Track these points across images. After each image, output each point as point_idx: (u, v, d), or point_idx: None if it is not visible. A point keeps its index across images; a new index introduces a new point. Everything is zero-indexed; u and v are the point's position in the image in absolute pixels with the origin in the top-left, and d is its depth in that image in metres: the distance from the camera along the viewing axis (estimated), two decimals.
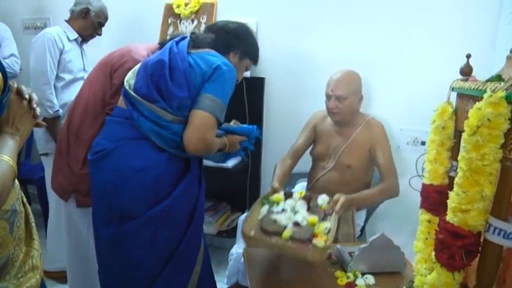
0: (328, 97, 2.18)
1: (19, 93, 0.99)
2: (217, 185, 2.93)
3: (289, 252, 1.44)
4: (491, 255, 0.92)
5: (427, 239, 1.26)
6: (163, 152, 1.55)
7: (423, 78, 2.37)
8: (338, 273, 1.64)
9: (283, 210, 1.69)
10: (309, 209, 1.75)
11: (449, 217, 0.96)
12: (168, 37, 2.87)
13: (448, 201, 0.97)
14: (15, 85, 1.00)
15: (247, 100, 2.70)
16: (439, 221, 1.01)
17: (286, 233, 1.51)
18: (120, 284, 1.63)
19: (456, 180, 0.94)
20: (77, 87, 2.45)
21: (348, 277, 1.60)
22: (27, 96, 1.00)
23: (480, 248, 0.94)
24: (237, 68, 1.72)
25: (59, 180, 2.04)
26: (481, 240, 0.95)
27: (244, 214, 2.38)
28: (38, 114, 1.04)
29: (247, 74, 2.63)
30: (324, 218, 1.69)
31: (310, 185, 2.33)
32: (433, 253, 1.04)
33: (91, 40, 2.69)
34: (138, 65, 1.68)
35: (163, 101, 1.53)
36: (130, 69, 1.75)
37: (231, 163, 2.65)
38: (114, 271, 1.63)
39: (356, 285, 1.55)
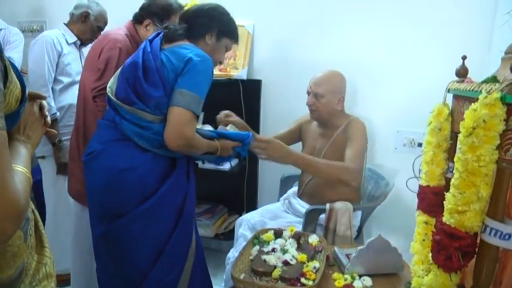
0: (308, 94, 2.21)
1: (31, 100, 0.98)
2: (214, 187, 2.94)
3: None
4: (488, 257, 0.92)
5: (424, 240, 1.26)
6: (148, 152, 1.57)
7: (419, 80, 2.38)
8: (335, 275, 1.63)
9: (273, 249, 1.71)
10: (299, 247, 1.77)
11: (446, 218, 0.96)
12: None
13: (444, 202, 0.97)
14: (33, 93, 0.99)
15: (244, 102, 2.70)
16: (436, 222, 1.01)
17: (276, 272, 1.54)
18: (114, 279, 1.65)
19: (452, 181, 0.94)
20: (75, 90, 2.45)
21: (346, 279, 1.60)
22: (38, 103, 1.00)
23: (477, 249, 0.94)
24: (215, 50, 1.73)
25: (76, 186, 2.08)
26: (478, 241, 0.94)
27: (242, 217, 2.38)
28: (49, 122, 1.05)
29: (244, 76, 2.64)
30: (313, 256, 1.70)
31: (300, 190, 2.32)
32: (430, 254, 1.04)
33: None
34: (119, 71, 1.69)
35: (141, 102, 1.55)
36: (111, 48, 1.82)
37: (227, 166, 2.66)
38: (108, 267, 1.66)
39: (354, 287, 1.55)
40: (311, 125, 2.34)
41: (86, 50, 2.68)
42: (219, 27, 1.72)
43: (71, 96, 2.45)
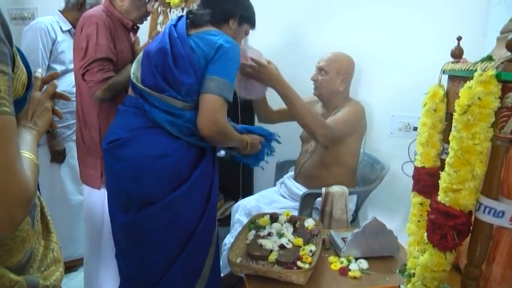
0: (316, 69, 2.23)
1: (53, 96, 1.02)
2: None
3: (274, 275, 1.47)
4: (482, 234, 0.92)
5: (419, 221, 1.26)
6: (180, 139, 1.57)
7: (415, 63, 2.37)
8: (332, 258, 1.64)
9: (269, 233, 1.72)
10: (295, 231, 1.78)
11: (441, 197, 0.96)
12: (158, 26, 2.85)
13: (439, 181, 0.97)
14: (52, 88, 1.02)
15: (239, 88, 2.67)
16: (431, 201, 1.01)
17: (272, 256, 1.55)
18: (139, 267, 1.65)
19: (447, 160, 0.94)
20: (69, 78, 2.43)
21: (342, 262, 1.61)
22: (50, 92, 1.02)
23: (471, 228, 0.94)
24: (236, 35, 1.74)
25: (87, 172, 2.06)
26: (472, 219, 0.95)
27: (238, 203, 2.39)
28: (61, 116, 1.08)
29: None
30: (309, 240, 1.71)
31: (296, 172, 2.34)
32: (425, 234, 1.04)
33: None
34: (141, 55, 1.68)
35: (172, 89, 1.54)
36: (89, 25, 1.84)
37: (223, 151, 2.65)
38: (132, 255, 1.66)
39: (350, 270, 1.56)
40: (316, 106, 2.35)
41: None
42: (241, 13, 1.74)
43: (65, 84, 2.43)
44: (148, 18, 2.83)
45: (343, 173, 2.18)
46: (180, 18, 1.67)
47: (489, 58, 1.05)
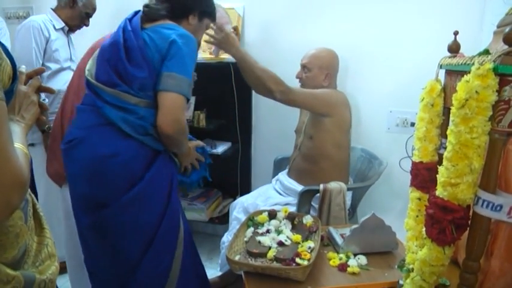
0: (300, 67, 2.27)
1: (38, 90, 1.03)
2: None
3: (273, 272, 1.47)
4: (480, 228, 0.92)
5: (417, 216, 1.26)
6: (132, 138, 1.51)
7: (412, 59, 2.37)
8: (330, 254, 1.64)
9: (267, 230, 1.71)
10: (293, 227, 1.78)
11: (439, 191, 0.95)
12: None
13: (437, 176, 0.97)
14: (36, 82, 1.03)
15: (236, 86, 2.68)
16: (429, 196, 1.01)
17: (270, 253, 1.55)
18: (105, 270, 1.61)
19: (445, 154, 0.94)
20: (63, 76, 2.42)
21: (341, 258, 1.61)
22: (35, 86, 1.03)
23: (469, 222, 0.94)
24: (197, 30, 1.69)
25: (54, 166, 2.04)
26: (470, 214, 0.95)
27: (236, 200, 2.39)
28: (47, 108, 1.08)
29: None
30: (308, 236, 1.71)
31: (289, 167, 2.36)
32: (424, 229, 1.04)
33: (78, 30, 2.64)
34: (97, 51, 1.63)
35: (124, 84, 1.49)
36: None
37: (220, 149, 2.65)
38: (98, 258, 1.62)
39: (348, 266, 1.56)
40: None
41: (75, 36, 2.65)
42: (201, 8, 1.69)
43: (59, 83, 2.42)
44: None
45: (331, 167, 2.18)
46: (136, 12, 1.62)
47: (486, 52, 1.04)
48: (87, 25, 2.58)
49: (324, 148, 2.18)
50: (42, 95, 2.39)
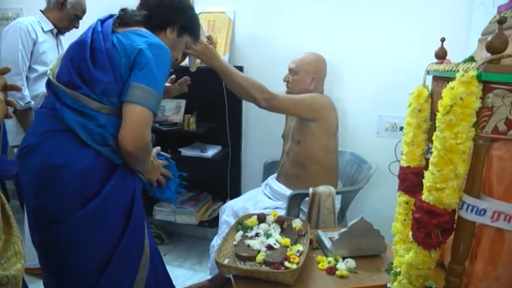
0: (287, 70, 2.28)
1: (5, 89, 1.00)
2: (197, 175, 2.92)
3: (262, 275, 1.47)
4: (465, 232, 0.94)
5: (405, 220, 1.28)
6: (89, 147, 1.36)
7: (401, 64, 2.40)
8: (319, 258, 1.65)
9: (257, 234, 1.72)
10: (282, 231, 1.78)
11: (425, 196, 0.97)
12: None
13: (423, 181, 0.99)
14: (2, 81, 1.01)
15: (226, 90, 2.68)
16: (415, 200, 1.03)
17: (259, 257, 1.55)
18: None
19: (431, 159, 0.96)
20: None
21: (329, 262, 1.62)
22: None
23: (454, 226, 0.96)
24: (174, 46, 1.56)
25: None
26: (456, 218, 0.96)
27: (226, 203, 2.39)
28: (16, 105, 1.05)
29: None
30: (297, 240, 1.72)
31: (278, 172, 2.37)
32: (411, 233, 1.06)
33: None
34: (63, 53, 1.50)
35: (86, 87, 1.35)
36: None
37: (210, 153, 2.66)
38: (52, 275, 1.46)
39: (337, 270, 1.57)
40: None
41: (65, 38, 2.63)
42: (182, 22, 1.56)
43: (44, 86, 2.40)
44: None
45: (320, 171, 2.19)
46: (112, 15, 1.51)
47: (471, 59, 1.07)
48: (76, 27, 2.57)
49: (312, 152, 2.19)
50: (28, 98, 2.38)
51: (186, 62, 2.28)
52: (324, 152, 2.19)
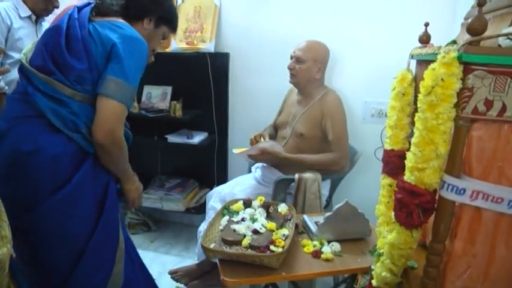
0: (291, 58, 2.26)
1: None
2: (184, 161, 2.94)
3: (247, 259, 1.49)
4: (445, 212, 0.95)
5: (388, 202, 1.29)
6: (61, 133, 1.34)
7: (387, 50, 2.41)
8: (304, 241, 1.67)
9: (242, 219, 1.73)
10: (268, 216, 1.79)
11: (407, 176, 0.98)
12: None
13: (405, 161, 1.00)
14: None
15: (212, 76, 2.68)
16: (398, 181, 1.04)
17: (245, 241, 1.56)
18: (33, 285, 1.43)
19: (413, 140, 0.97)
20: None
21: (315, 245, 1.64)
22: None
23: (435, 205, 0.98)
24: (151, 37, 1.56)
25: None
26: (437, 197, 0.98)
27: (213, 190, 2.40)
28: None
29: (211, 49, 2.61)
30: (282, 224, 1.73)
31: None
32: (393, 214, 1.07)
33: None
34: (39, 37, 1.48)
35: (60, 73, 1.34)
36: None
37: (197, 139, 2.65)
38: (27, 266, 1.42)
39: (322, 253, 1.59)
40: (292, 93, 2.40)
41: (47, 25, 2.57)
42: (160, 13, 1.55)
43: None
44: None
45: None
46: (89, 3, 1.49)
47: (453, 42, 1.08)
48: (57, 6, 2.46)
49: (314, 143, 2.23)
50: (2, 83, 2.33)
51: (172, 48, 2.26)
52: (326, 144, 2.22)
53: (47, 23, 2.55)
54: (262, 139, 2.27)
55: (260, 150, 2.12)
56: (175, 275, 2.36)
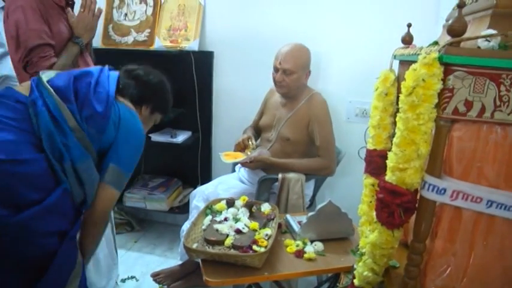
0: (276, 70, 2.19)
1: None
2: (168, 160, 2.91)
3: (230, 259, 1.49)
4: (426, 211, 0.96)
5: (371, 202, 1.30)
6: (43, 153, 1.28)
7: (371, 50, 2.41)
8: (287, 241, 1.67)
9: (225, 218, 1.72)
10: (251, 215, 1.79)
11: (388, 176, 0.99)
12: (114, 10, 2.78)
13: (387, 161, 1.01)
14: None
15: (196, 74, 2.66)
16: (379, 181, 1.04)
17: (228, 241, 1.55)
18: None
19: (394, 140, 0.97)
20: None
21: (297, 245, 1.64)
22: None
23: (417, 205, 0.98)
24: (146, 122, 1.62)
25: None
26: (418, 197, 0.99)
27: (196, 189, 2.38)
28: None
29: (195, 47, 2.60)
30: (265, 224, 1.73)
31: None
32: (375, 213, 1.08)
33: None
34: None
35: (76, 104, 1.34)
36: (13, 10, 1.70)
37: (181, 138, 2.63)
38: None
39: (305, 253, 1.59)
40: (275, 96, 2.38)
41: None
42: (157, 103, 1.63)
43: (6, 68, 2.29)
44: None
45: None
46: (112, 69, 1.54)
47: (435, 43, 1.09)
48: None
49: (300, 147, 2.23)
50: None
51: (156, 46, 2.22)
52: (312, 146, 2.23)
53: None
54: (250, 142, 2.26)
55: (250, 159, 2.13)
56: (157, 277, 2.34)
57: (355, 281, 1.21)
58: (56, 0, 1.84)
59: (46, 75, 1.41)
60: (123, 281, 2.37)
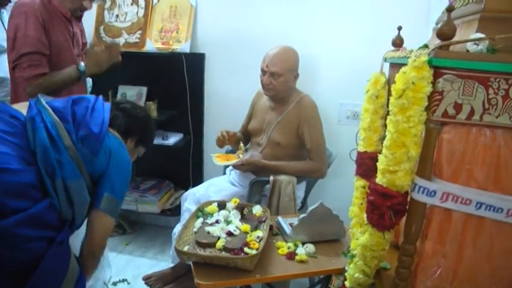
0: (263, 72, 2.19)
1: None
2: (159, 163, 2.90)
3: (221, 261, 1.49)
4: (416, 213, 0.97)
5: (361, 204, 1.31)
6: (36, 166, 1.27)
7: (362, 53, 2.42)
8: (279, 243, 1.67)
9: (217, 221, 1.72)
10: (242, 217, 1.79)
11: (379, 179, 0.99)
12: (105, 11, 2.76)
13: (377, 164, 1.01)
14: None
15: (187, 76, 2.65)
16: (370, 183, 1.05)
17: (219, 243, 1.56)
18: None
19: (385, 142, 0.98)
20: (5, 62, 2.29)
21: (289, 247, 1.64)
22: None
23: (407, 207, 0.99)
24: (131, 153, 1.63)
25: None
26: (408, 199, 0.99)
27: (187, 191, 2.37)
28: None
29: (187, 49, 2.60)
30: (257, 226, 1.73)
31: None
32: (365, 215, 1.08)
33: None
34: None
35: (73, 124, 1.36)
36: (17, 15, 1.75)
37: (172, 140, 2.63)
38: None
39: (297, 255, 1.59)
40: (263, 99, 2.37)
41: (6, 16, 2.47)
42: (142, 137, 1.66)
43: (2, 70, 2.29)
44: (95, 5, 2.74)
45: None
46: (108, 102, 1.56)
47: (425, 46, 1.10)
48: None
49: (291, 150, 2.23)
50: None
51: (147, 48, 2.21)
52: (303, 150, 2.23)
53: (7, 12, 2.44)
54: (241, 144, 2.26)
55: (241, 162, 2.13)
56: (149, 280, 2.33)
57: (347, 283, 1.22)
58: (63, 12, 1.90)
59: (44, 98, 1.44)
60: (115, 284, 2.35)
